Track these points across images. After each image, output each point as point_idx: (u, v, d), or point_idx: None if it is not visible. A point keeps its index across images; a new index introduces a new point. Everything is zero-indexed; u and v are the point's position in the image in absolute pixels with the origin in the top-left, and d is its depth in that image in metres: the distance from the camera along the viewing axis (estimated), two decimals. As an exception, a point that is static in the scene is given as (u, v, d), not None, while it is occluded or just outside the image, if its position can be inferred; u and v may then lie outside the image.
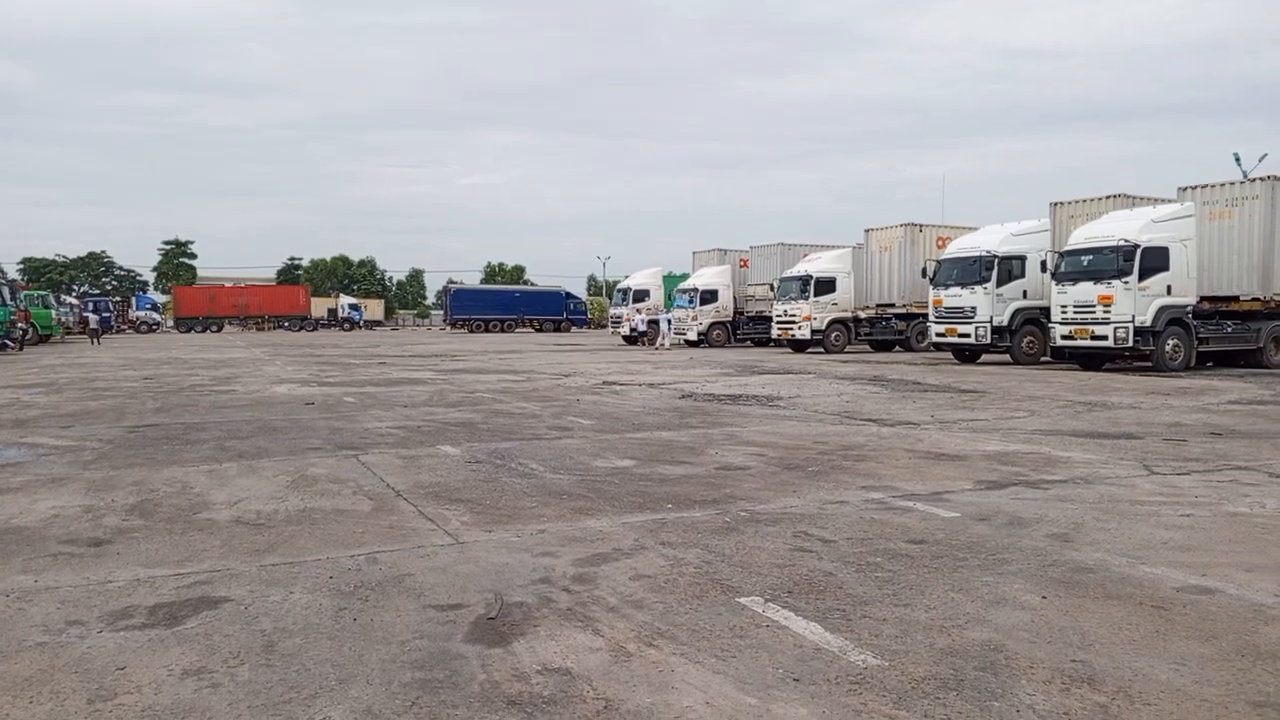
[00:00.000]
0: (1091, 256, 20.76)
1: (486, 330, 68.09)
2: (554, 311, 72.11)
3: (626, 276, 47.95)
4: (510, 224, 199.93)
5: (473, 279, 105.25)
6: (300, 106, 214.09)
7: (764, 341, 36.93)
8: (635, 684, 3.57)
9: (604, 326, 65.61)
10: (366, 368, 24.30)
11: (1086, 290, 20.57)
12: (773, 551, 5.48)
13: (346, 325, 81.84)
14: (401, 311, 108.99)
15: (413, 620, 4.31)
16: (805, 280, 32.43)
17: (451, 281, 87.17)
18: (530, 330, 69.97)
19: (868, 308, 32.47)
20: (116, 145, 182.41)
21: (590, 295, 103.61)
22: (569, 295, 75.71)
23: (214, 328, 73.09)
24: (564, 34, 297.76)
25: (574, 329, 72.00)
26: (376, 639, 4.07)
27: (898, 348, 32.86)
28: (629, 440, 10.19)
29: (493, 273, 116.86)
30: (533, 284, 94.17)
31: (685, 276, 42.53)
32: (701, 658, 3.83)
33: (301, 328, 75.98)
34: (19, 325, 36.21)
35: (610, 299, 59.31)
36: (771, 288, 35.11)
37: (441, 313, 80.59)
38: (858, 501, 6.89)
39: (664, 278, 45.75)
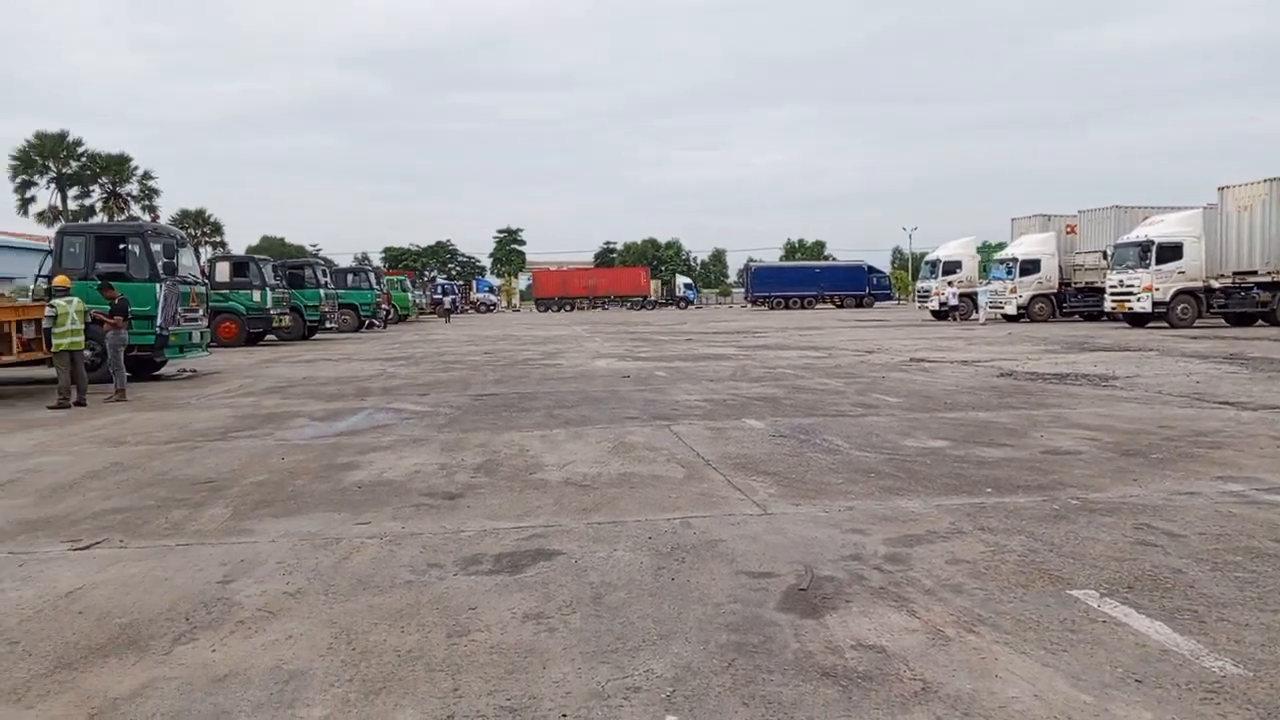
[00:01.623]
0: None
1: (786, 307, 68.07)
2: (856, 287, 70.50)
3: (935, 248, 45.71)
4: (809, 199, 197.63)
5: (772, 256, 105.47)
6: (606, 96, 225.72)
7: (1094, 315, 33.69)
8: (955, 669, 3.45)
9: (910, 301, 63.15)
10: (674, 344, 25.25)
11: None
12: (1109, 543, 5.03)
13: (682, 304, 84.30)
14: (705, 290, 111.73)
15: (726, 585, 4.45)
16: (1146, 246, 28.99)
17: (752, 260, 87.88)
18: (831, 306, 69.01)
19: (1221, 276, 28.47)
20: (451, 141, 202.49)
21: (895, 269, 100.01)
22: (871, 269, 73.60)
23: (567, 307, 78.89)
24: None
25: (877, 305, 70.00)
26: (693, 599, 4.25)
27: (1260, 321, 28.58)
28: (941, 420, 9.78)
29: (792, 249, 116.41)
30: (833, 259, 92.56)
31: (1002, 246, 39.79)
32: (1028, 648, 3.62)
33: (642, 306, 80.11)
34: (383, 307, 41.46)
35: (916, 272, 56.97)
36: (1104, 255, 31.83)
37: (743, 291, 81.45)
38: (1212, 493, 6.13)
39: (978, 248, 43.10)
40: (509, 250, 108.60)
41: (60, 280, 13.83)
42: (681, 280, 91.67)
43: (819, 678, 3.39)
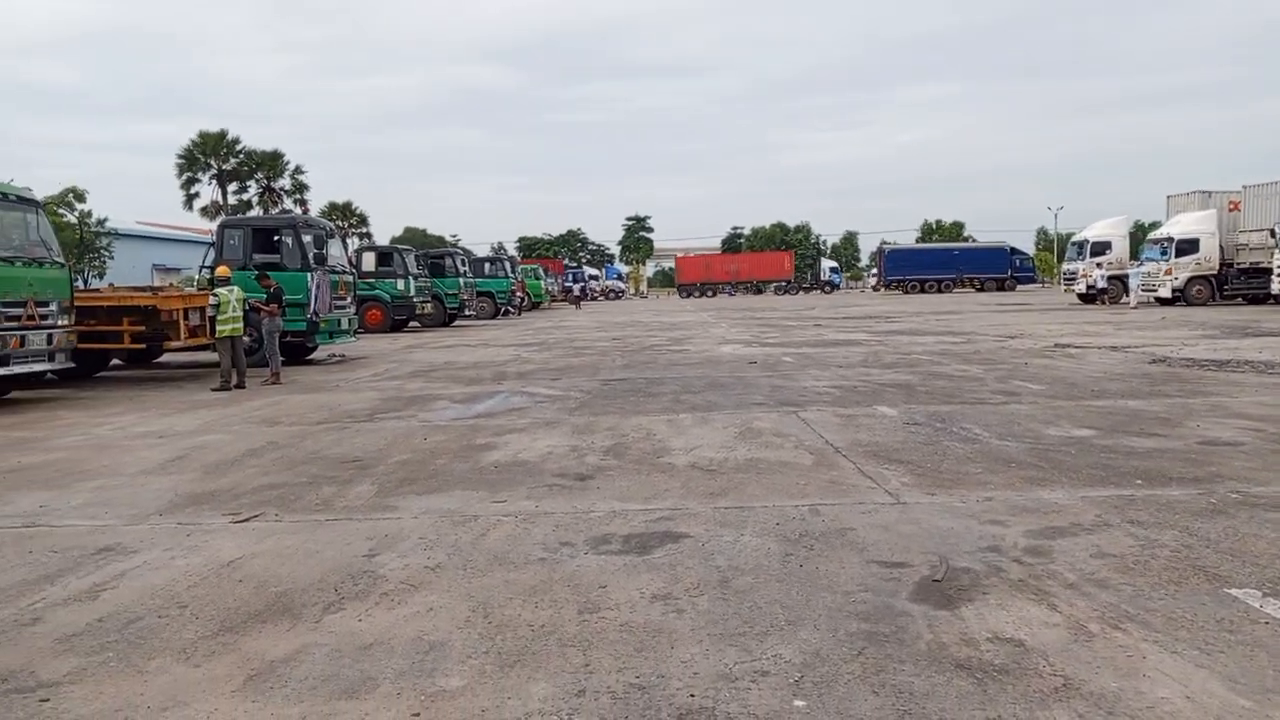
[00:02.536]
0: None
1: (922, 291, 66.00)
2: (996, 269, 67.66)
3: (1083, 228, 43.34)
4: (947, 179, 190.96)
5: (907, 238, 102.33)
6: (731, 81, 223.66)
7: (1260, 298, 31.30)
8: (1099, 666, 3.30)
9: (1055, 284, 60.20)
10: (803, 329, 24.92)
11: None
12: (1274, 540, 4.70)
13: (827, 288, 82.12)
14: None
15: (856, 573, 4.39)
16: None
17: (885, 242, 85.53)
18: (970, 290, 66.48)
19: None
20: (581, 132, 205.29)
21: (1039, 251, 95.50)
22: (1014, 251, 70.47)
23: (710, 292, 79.01)
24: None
25: (1019, 288, 67.03)
26: (821, 586, 4.21)
27: None
28: (1087, 408, 9.31)
29: (929, 230, 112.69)
30: (973, 240, 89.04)
31: (1156, 225, 37.39)
32: (1180, 648, 3.43)
33: (787, 290, 79.26)
34: (517, 295, 42.56)
35: (1062, 254, 54.24)
36: (1272, 234, 29.55)
37: (874, 275, 79.44)
38: (1397, 490, 5.63)
39: (1129, 228, 40.64)
40: (637, 238, 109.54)
41: (222, 270, 14.79)
42: (827, 264, 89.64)
43: (953, 670, 3.30)
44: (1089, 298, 37.75)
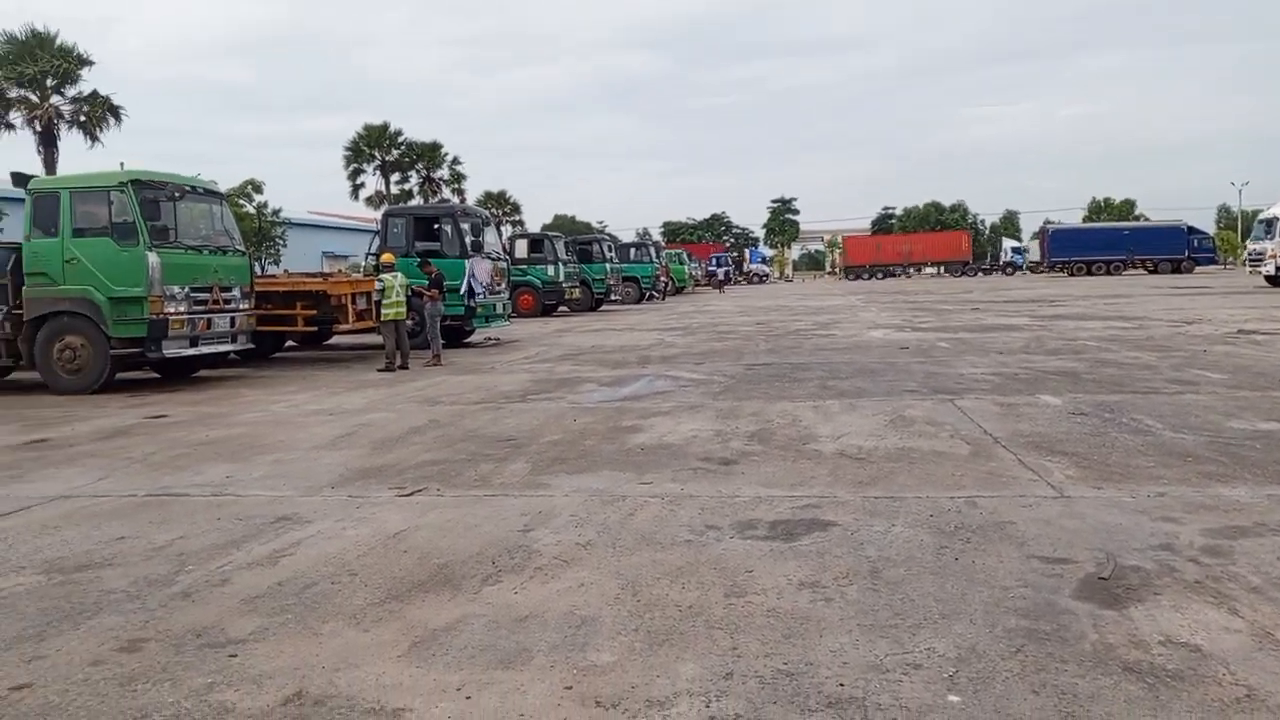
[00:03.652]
0: None
1: (1089, 273, 62.25)
2: (1172, 250, 62.96)
3: (1271, 204, 39.76)
4: (1117, 155, 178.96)
5: (1072, 217, 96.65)
6: (884, 57, 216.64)
7: None
8: (1288, 678, 3.06)
9: (1239, 266, 55.57)
10: (959, 313, 24.01)
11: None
12: None
13: (1008, 269, 77.89)
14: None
15: (1015, 568, 4.22)
16: None
17: (1049, 222, 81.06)
18: (1142, 272, 62.22)
19: None
20: (728, 114, 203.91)
21: (1220, 230, 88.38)
22: (1191, 230, 65.37)
23: (879, 274, 77.35)
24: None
25: (1198, 269, 62.24)
26: (978, 581, 4.07)
27: None
28: (1275, 400, 8.59)
29: (1096, 209, 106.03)
30: (1145, 219, 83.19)
31: (1361, 200, 33.89)
32: (1385, 664, 3.13)
33: (963, 273, 76.33)
34: (661, 279, 42.86)
35: (1247, 233, 49.96)
36: None
37: (1037, 256, 75.39)
38: None
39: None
40: (783, 220, 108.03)
41: (386, 257, 15.55)
42: (1009, 244, 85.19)
43: (1120, 672, 3.14)
44: (1277, 280, 34.66)
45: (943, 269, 79.48)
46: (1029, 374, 11.00)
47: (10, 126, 30.93)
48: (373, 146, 51.75)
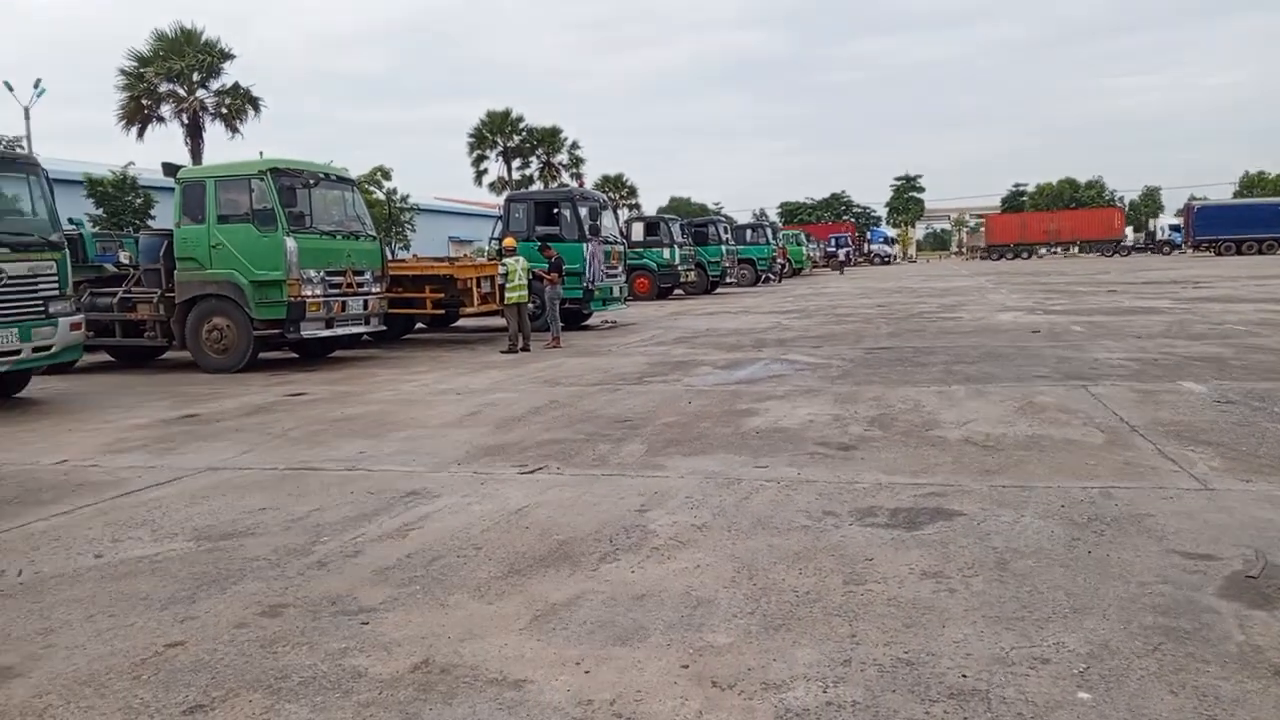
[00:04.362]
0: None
1: (1239, 252, 58.18)
2: (1335, 227, 58.19)
3: None
4: (1269, 126, 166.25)
5: (1221, 193, 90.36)
6: (1013, 28, 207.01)
7: None
8: None
9: None
10: (1094, 295, 22.87)
11: None
12: None
13: (1166, 249, 72.55)
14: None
15: (1153, 563, 4.02)
16: None
17: (1194, 198, 76.01)
18: (1302, 251, 57.81)
19: None
20: (849, 92, 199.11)
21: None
22: (1359, 205, 60.25)
23: (1024, 254, 74.61)
24: None
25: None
26: (1113, 575, 3.90)
27: None
28: None
29: (1250, 184, 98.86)
30: (1304, 194, 76.96)
31: None
32: None
33: (1115, 252, 72.48)
34: (778, 261, 42.36)
35: None
36: None
37: (1180, 234, 70.74)
38: None
39: None
40: (906, 198, 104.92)
41: (509, 242, 15.91)
42: (1166, 221, 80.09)
43: (1270, 676, 2.95)
44: None
45: (1075, 248, 75.73)
46: (1170, 359, 10.40)
47: (161, 119, 32.92)
48: (495, 133, 52.84)
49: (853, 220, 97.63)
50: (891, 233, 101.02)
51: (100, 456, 7.19)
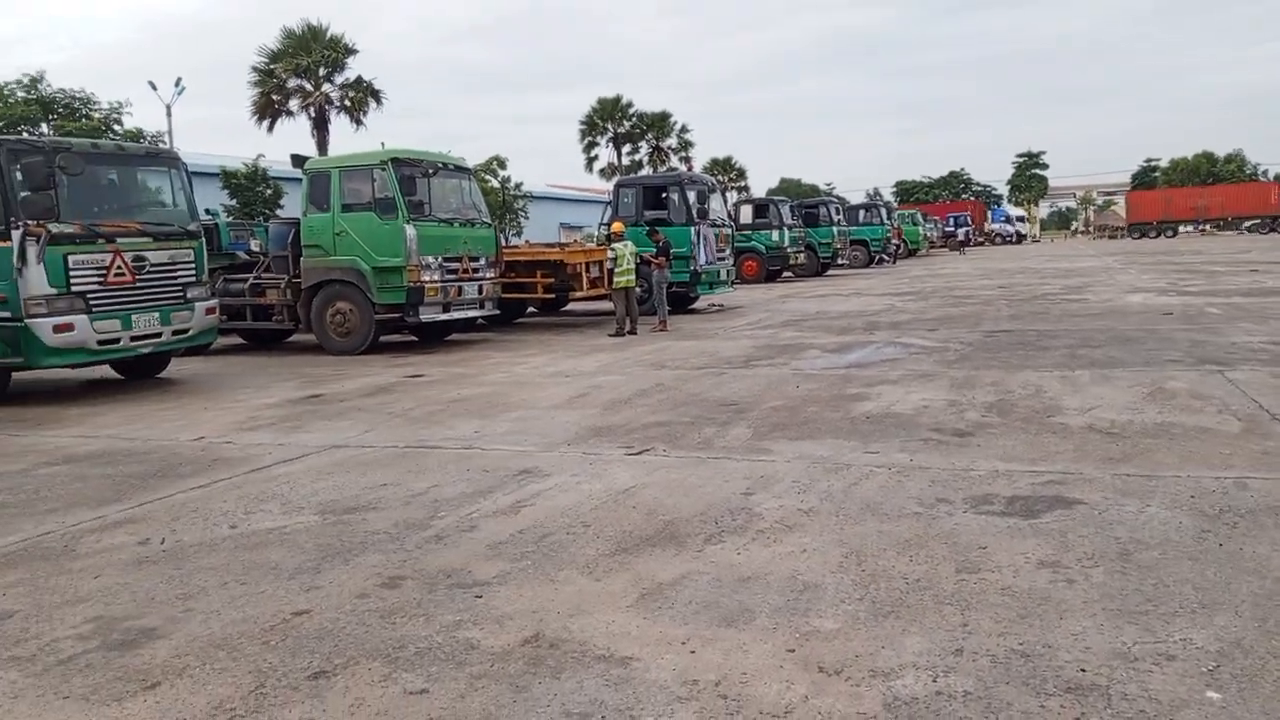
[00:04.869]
0: None
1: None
2: None
3: None
4: None
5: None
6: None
7: None
8: None
9: None
10: (1233, 275, 21.52)
11: None
12: None
13: None
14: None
15: (1294, 559, 3.78)
16: None
17: (1355, 170, 70.05)
18: None
19: None
20: (970, 68, 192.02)
21: None
22: None
23: (1168, 232, 71.26)
24: None
25: None
26: (1246, 569, 3.69)
27: None
28: None
29: None
30: None
31: None
32: None
33: (1272, 229, 67.98)
34: (893, 241, 41.33)
35: None
36: None
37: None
38: None
39: None
40: (1029, 176, 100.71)
41: (617, 227, 16.02)
42: None
43: None
44: None
45: (1210, 226, 71.19)
46: (1321, 344, 9.71)
47: (289, 113, 34.47)
48: (605, 119, 53.24)
49: (980, 198, 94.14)
50: (1015, 211, 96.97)
51: (234, 433, 7.62)
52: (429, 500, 5.33)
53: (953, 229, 61.70)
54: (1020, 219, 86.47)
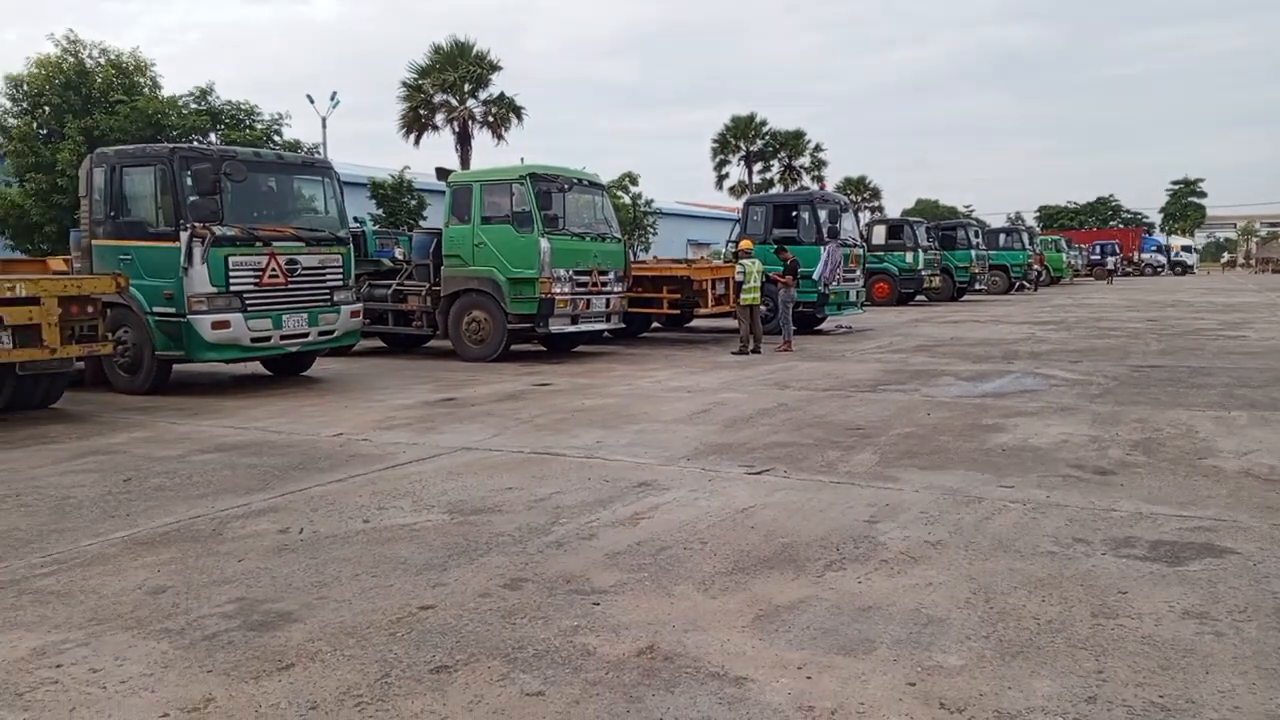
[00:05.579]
0: None
1: None
2: None
3: None
4: None
5: None
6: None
7: None
8: None
9: None
10: None
11: None
12: None
13: None
14: None
15: None
16: None
17: None
18: None
19: None
20: (1125, 88, 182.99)
21: None
22: None
23: None
24: None
25: None
26: None
27: None
28: None
29: None
30: None
31: None
32: None
33: None
34: (1034, 268, 39.70)
35: None
36: None
37: None
38: None
39: None
40: (1185, 204, 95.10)
41: (745, 244, 15.98)
42: None
43: None
44: None
45: None
46: None
47: (435, 128, 35.84)
48: (738, 138, 53.23)
49: (1141, 226, 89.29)
50: (1184, 240, 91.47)
51: (371, 432, 7.96)
52: (551, 506, 5.43)
53: (1100, 257, 58.80)
54: (1186, 248, 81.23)
